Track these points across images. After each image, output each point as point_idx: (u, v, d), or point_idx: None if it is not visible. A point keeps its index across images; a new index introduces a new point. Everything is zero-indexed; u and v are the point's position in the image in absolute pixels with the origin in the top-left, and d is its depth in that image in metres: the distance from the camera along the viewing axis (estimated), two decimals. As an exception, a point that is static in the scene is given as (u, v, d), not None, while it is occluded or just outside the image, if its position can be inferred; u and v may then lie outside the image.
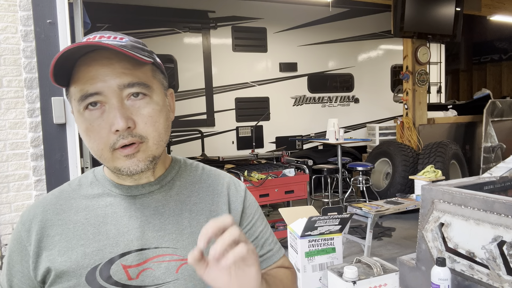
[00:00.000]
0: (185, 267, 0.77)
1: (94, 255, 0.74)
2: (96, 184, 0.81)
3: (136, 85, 0.71)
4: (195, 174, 0.87)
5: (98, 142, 0.71)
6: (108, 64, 0.70)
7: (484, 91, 6.72)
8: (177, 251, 0.77)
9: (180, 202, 0.81)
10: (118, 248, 0.75)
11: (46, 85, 2.31)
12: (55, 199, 0.79)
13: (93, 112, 0.70)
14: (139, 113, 0.71)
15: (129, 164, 0.72)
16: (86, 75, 0.69)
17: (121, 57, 0.70)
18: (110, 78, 0.69)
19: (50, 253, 0.74)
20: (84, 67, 0.70)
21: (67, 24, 2.30)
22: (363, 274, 0.99)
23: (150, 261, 0.76)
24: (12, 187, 2.35)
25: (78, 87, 0.70)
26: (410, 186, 4.82)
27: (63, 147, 2.35)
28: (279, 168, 4.11)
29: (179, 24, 5.43)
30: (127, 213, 0.78)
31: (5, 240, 2.37)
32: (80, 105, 0.71)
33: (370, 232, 3.10)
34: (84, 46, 0.68)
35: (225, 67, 5.76)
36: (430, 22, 5.31)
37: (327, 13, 6.21)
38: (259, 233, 0.88)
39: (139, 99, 0.72)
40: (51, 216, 0.77)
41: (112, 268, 0.74)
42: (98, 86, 0.69)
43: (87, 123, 0.71)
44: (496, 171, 1.49)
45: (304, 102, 6.38)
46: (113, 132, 0.70)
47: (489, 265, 1.06)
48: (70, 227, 0.76)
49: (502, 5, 6.38)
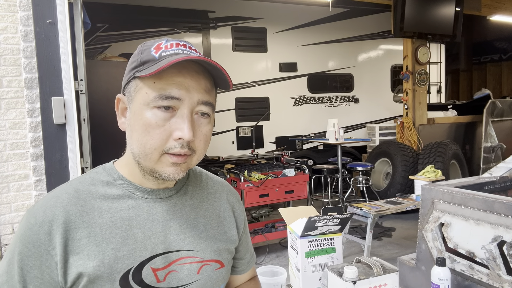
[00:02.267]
0: (205, 268, 0.82)
1: (126, 259, 0.74)
2: (113, 184, 0.80)
3: (209, 105, 0.76)
4: (201, 180, 0.92)
5: (155, 141, 0.72)
6: (196, 77, 0.74)
7: (484, 91, 6.72)
8: (197, 253, 0.81)
9: (194, 207, 0.86)
10: (146, 252, 0.76)
11: (46, 85, 2.31)
12: (73, 199, 0.75)
13: (164, 113, 0.72)
14: (199, 130, 0.76)
15: (171, 171, 0.74)
16: (174, 78, 0.72)
17: (206, 76, 0.76)
18: (194, 90, 0.73)
19: (79, 257, 0.72)
20: (174, 70, 0.72)
21: (67, 24, 2.31)
22: (363, 274, 1.00)
23: (174, 264, 0.79)
24: (12, 187, 2.35)
25: (160, 85, 0.72)
26: (410, 186, 4.82)
27: (63, 147, 2.35)
28: (279, 168, 4.11)
29: (179, 24, 5.43)
30: (149, 217, 0.79)
31: (5, 240, 2.37)
32: (153, 101, 0.72)
33: (370, 232, 3.10)
34: (198, 61, 0.73)
35: (225, 67, 5.67)
36: (430, 22, 5.31)
37: (327, 13, 6.21)
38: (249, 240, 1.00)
39: (204, 117, 0.77)
40: (74, 217, 0.74)
41: (143, 272, 0.75)
42: (181, 93, 0.72)
43: (152, 119, 0.72)
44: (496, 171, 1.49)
45: (304, 102, 6.38)
46: (175, 138, 0.72)
47: (489, 265, 1.06)
48: (97, 230, 0.74)
49: (502, 5, 6.38)
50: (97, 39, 4.97)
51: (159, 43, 0.76)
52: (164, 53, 0.74)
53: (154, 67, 0.70)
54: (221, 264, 0.85)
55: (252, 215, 4.64)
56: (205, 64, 0.75)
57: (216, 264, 0.84)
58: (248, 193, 3.58)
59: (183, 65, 0.73)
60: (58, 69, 2.32)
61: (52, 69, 2.31)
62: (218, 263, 0.84)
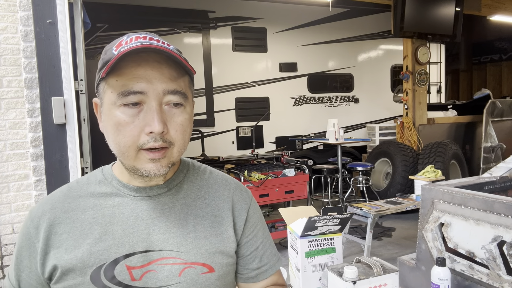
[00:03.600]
0: (188, 271, 0.78)
1: (99, 254, 0.74)
2: (104, 183, 0.81)
3: (178, 93, 0.73)
4: (203, 178, 0.88)
5: (127, 139, 0.72)
6: (158, 67, 0.72)
7: (484, 91, 6.72)
8: (181, 254, 0.78)
9: (186, 206, 0.82)
10: (123, 248, 0.76)
11: (46, 85, 2.31)
12: (63, 197, 0.80)
13: (130, 109, 0.71)
14: (172, 120, 0.74)
15: (151, 167, 0.73)
16: (133, 72, 0.70)
17: (170, 64, 0.73)
18: (157, 81, 0.71)
19: (58, 251, 0.75)
20: (133, 64, 0.70)
21: (67, 24, 2.30)
22: (363, 274, 0.99)
23: (154, 263, 0.76)
24: (12, 187, 2.35)
25: (121, 82, 0.71)
26: (410, 186, 4.82)
27: (63, 147, 2.35)
28: (279, 168, 4.11)
29: (179, 24, 5.43)
30: (133, 214, 0.78)
31: (5, 240, 2.37)
32: (118, 99, 0.71)
33: (370, 232, 3.10)
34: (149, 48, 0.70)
35: (225, 67, 5.76)
36: (430, 22, 5.30)
37: (327, 13, 6.21)
38: (259, 243, 0.89)
39: (176, 107, 0.74)
40: (59, 214, 0.77)
41: (116, 268, 0.74)
42: (143, 86, 0.70)
43: (121, 118, 0.71)
44: (496, 171, 1.49)
45: (304, 102, 6.38)
46: (146, 133, 0.71)
47: (489, 265, 1.06)
48: (78, 225, 0.77)
49: (502, 5, 6.38)
50: (97, 39, 4.97)
51: (120, 40, 0.74)
52: (123, 49, 0.70)
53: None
54: (210, 269, 0.79)
55: (252, 215, 4.63)
56: (161, 53, 0.71)
57: (203, 268, 0.78)
58: (248, 193, 3.57)
59: (143, 58, 0.71)
60: (58, 69, 2.32)
61: (52, 69, 2.31)
62: (205, 267, 0.79)
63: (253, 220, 0.89)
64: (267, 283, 0.90)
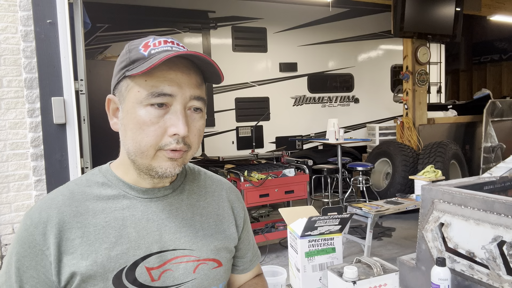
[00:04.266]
0: (201, 267, 0.82)
1: (119, 258, 0.74)
2: (108, 185, 0.80)
3: (201, 100, 0.77)
4: (199, 179, 0.92)
5: (149, 139, 0.72)
6: (187, 73, 0.75)
7: (484, 91, 6.72)
8: (193, 252, 0.81)
9: (191, 205, 0.86)
10: (140, 251, 0.76)
11: (46, 85, 2.31)
12: (68, 201, 0.77)
13: (157, 110, 0.72)
14: (193, 125, 0.76)
15: (167, 166, 0.75)
16: (165, 75, 0.72)
17: (196, 71, 0.77)
18: (186, 86, 0.74)
19: (72, 257, 0.73)
20: (165, 67, 0.72)
21: (67, 24, 2.30)
22: (363, 274, 1.00)
23: (169, 263, 0.79)
24: (12, 187, 2.35)
25: (151, 82, 0.72)
26: (410, 186, 4.82)
27: (63, 147, 2.35)
28: (279, 168, 4.11)
29: (179, 24, 5.43)
30: (144, 216, 0.79)
31: (5, 240, 2.37)
32: (146, 99, 0.72)
33: (370, 232, 3.10)
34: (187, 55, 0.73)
35: (225, 67, 5.75)
36: (430, 22, 5.31)
37: (327, 13, 6.21)
38: (251, 237, 0.99)
39: (196, 112, 0.77)
40: (68, 218, 0.75)
41: (137, 271, 0.75)
42: (174, 89, 0.73)
43: (146, 117, 0.72)
44: (496, 171, 1.49)
45: (304, 102, 6.38)
46: (169, 134, 0.73)
47: (489, 265, 1.06)
48: (91, 230, 0.75)
49: (502, 5, 6.38)
50: (97, 39, 4.97)
51: (146, 41, 0.76)
52: (153, 51, 0.74)
53: (146, 65, 0.70)
54: (219, 263, 0.85)
55: (252, 215, 4.64)
56: (195, 59, 0.75)
57: (213, 263, 0.84)
58: (248, 193, 3.58)
59: (174, 62, 0.73)
60: (58, 69, 2.32)
61: (52, 69, 2.31)
62: (216, 262, 0.84)
63: (245, 216, 0.96)
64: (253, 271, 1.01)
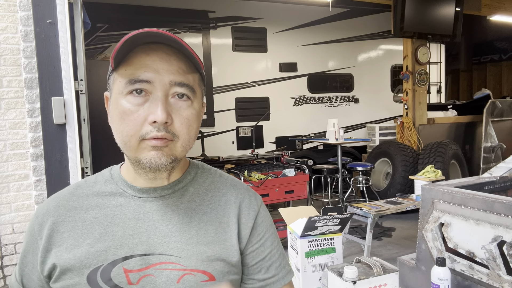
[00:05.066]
0: (187, 278, 0.74)
1: (97, 255, 0.74)
2: (111, 182, 0.81)
3: (185, 86, 0.73)
4: (211, 182, 0.85)
5: (130, 128, 0.71)
6: (166, 59, 0.72)
7: (484, 91, 6.72)
8: (181, 260, 0.75)
9: (190, 210, 0.80)
10: (122, 250, 0.74)
11: (46, 85, 2.31)
12: (69, 195, 0.80)
13: (136, 98, 0.71)
14: (178, 113, 0.73)
15: (152, 155, 0.71)
16: (142, 61, 0.71)
17: (179, 57, 0.73)
18: (164, 72, 0.71)
19: (59, 249, 0.75)
20: (142, 54, 0.71)
21: (67, 24, 2.30)
22: (363, 274, 0.99)
23: (153, 268, 0.74)
24: (12, 187, 2.35)
25: (130, 71, 0.71)
26: (410, 186, 4.82)
27: (63, 147, 2.35)
28: (279, 168, 4.11)
29: (179, 24, 5.43)
30: (135, 216, 0.77)
31: (5, 240, 2.37)
32: (125, 88, 0.71)
33: (370, 232, 3.10)
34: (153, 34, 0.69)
35: (225, 67, 5.76)
36: (430, 22, 5.31)
37: (327, 13, 6.21)
38: (267, 254, 0.84)
39: (182, 100, 0.73)
40: (63, 212, 0.78)
41: (113, 271, 0.73)
42: (150, 75, 0.70)
43: (126, 106, 0.71)
44: (496, 171, 1.49)
45: (304, 102, 6.38)
46: (149, 122, 0.70)
47: (489, 265, 1.06)
48: (79, 224, 0.76)
49: (502, 5, 6.38)
50: (97, 39, 4.97)
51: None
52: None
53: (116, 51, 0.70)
54: (210, 277, 0.76)
55: (252, 215, 4.64)
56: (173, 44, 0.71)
57: (203, 276, 0.75)
58: (248, 193, 3.58)
59: (152, 49, 0.71)
60: (58, 69, 2.32)
61: (52, 69, 2.31)
62: (205, 275, 0.75)
63: (261, 228, 0.84)
64: None
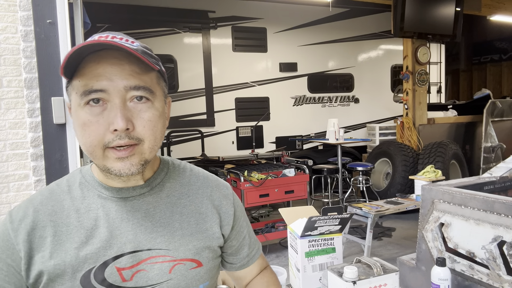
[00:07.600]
0: (178, 267, 0.79)
1: (88, 258, 0.74)
2: (85, 185, 0.81)
3: (142, 89, 0.72)
4: (184, 176, 0.88)
5: (92, 138, 0.71)
6: (118, 64, 0.71)
7: (484, 91, 6.72)
8: (170, 252, 0.79)
9: (170, 204, 0.83)
10: (112, 251, 0.76)
11: (46, 85, 2.31)
12: (46, 200, 0.79)
13: (94, 108, 0.71)
14: (139, 116, 0.72)
15: (120, 167, 0.72)
16: (93, 71, 0.70)
17: (131, 60, 0.72)
18: (117, 78, 0.70)
19: (42, 255, 0.74)
20: (93, 63, 0.70)
21: (67, 24, 2.30)
22: (363, 274, 1.00)
23: (144, 263, 0.77)
24: (12, 187, 2.35)
25: (83, 82, 0.70)
26: (410, 186, 4.82)
27: (63, 147, 2.35)
28: (279, 168, 4.11)
29: (179, 24, 5.42)
30: (118, 216, 0.78)
31: (5, 240, 2.37)
32: (81, 99, 0.71)
33: (370, 232, 3.10)
34: (99, 44, 0.69)
35: (225, 67, 5.76)
36: (430, 22, 5.30)
37: (327, 13, 6.21)
38: (246, 233, 0.95)
39: (141, 102, 0.73)
40: (43, 217, 0.76)
41: (106, 271, 0.74)
42: (104, 83, 0.69)
43: (85, 117, 0.71)
44: (496, 171, 1.49)
45: (304, 102, 6.38)
46: (111, 131, 0.70)
47: (489, 265, 1.06)
48: (63, 229, 0.76)
49: (502, 5, 6.38)
50: (97, 39, 4.97)
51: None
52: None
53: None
54: (198, 263, 0.82)
55: (252, 215, 4.64)
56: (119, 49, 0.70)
57: (192, 263, 0.81)
58: (248, 193, 3.58)
59: (102, 56, 0.70)
60: (58, 69, 2.32)
61: (52, 69, 2.31)
62: (194, 262, 0.81)
63: (238, 212, 0.92)
64: (256, 265, 0.98)
